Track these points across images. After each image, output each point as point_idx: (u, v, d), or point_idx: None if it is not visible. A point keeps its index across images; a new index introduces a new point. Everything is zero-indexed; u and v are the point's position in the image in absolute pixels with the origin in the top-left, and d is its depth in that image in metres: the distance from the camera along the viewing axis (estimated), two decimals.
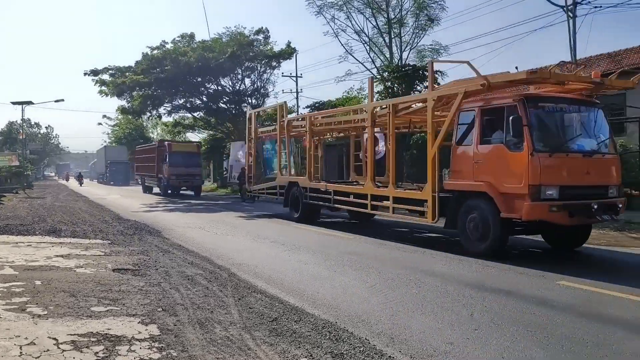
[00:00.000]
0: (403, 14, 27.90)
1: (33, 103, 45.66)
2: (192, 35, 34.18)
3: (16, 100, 48.10)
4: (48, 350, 4.27)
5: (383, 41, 28.84)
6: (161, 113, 36.81)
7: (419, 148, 22.56)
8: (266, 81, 35.15)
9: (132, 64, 33.32)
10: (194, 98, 35.64)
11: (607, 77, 9.69)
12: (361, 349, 4.52)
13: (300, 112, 34.63)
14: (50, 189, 39.43)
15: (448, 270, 8.15)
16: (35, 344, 4.39)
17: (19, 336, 4.57)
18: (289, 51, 33.66)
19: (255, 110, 21.85)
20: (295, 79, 39.64)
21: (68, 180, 70.47)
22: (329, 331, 5.01)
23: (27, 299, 5.90)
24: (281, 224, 15.13)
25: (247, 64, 33.41)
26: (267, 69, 34.48)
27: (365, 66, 29.68)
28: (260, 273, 7.99)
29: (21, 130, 61.54)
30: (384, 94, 24.73)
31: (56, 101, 48.37)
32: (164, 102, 34.88)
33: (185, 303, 5.94)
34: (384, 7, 27.88)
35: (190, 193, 31.27)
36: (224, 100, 35.48)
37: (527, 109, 8.61)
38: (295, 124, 17.09)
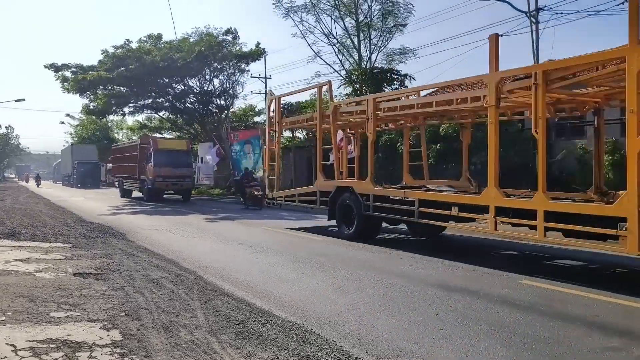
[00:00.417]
0: (372, 17, 28.15)
1: None
2: (160, 36, 33.62)
3: None
4: (5, 357, 4.12)
5: (352, 44, 29.03)
6: (126, 112, 36.01)
7: (386, 150, 22.74)
8: (235, 82, 34.88)
9: (96, 64, 32.51)
10: (160, 98, 35.04)
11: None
12: (328, 351, 4.52)
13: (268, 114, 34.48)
14: (10, 191, 38.14)
15: (414, 271, 8.24)
16: None
17: None
18: (258, 52, 33.46)
19: (282, 95, 16.74)
20: (264, 80, 39.51)
21: (28, 182, 68.39)
22: (296, 333, 4.99)
23: None
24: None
25: (216, 65, 33.06)
26: (236, 70, 34.21)
27: (333, 68, 29.83)
28: (227, 276, 7.91)
29: None
30: (352, 96, 24.89)
31: (17, 100, 46.83)
32: (129, 102, 34.15)
33: (150, 307, 5.82)
34: (353, 10, 28.06)
35: (177, 197, 28.15)
36: (191, 100, 35.03)
37: None
38: (346, 109, 13.08)
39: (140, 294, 6.45)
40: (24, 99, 49.49)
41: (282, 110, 30.56)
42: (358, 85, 24.49)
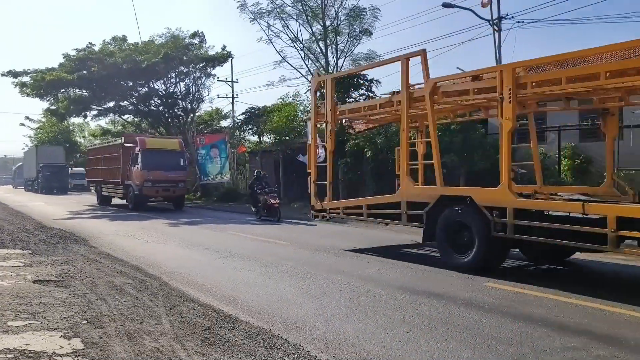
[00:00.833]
0: (338, 22, 28.30)
1: None
2: (124, 38, 33.01)
3: None
4: None
5: (319, 48, 29.12)
6: (88, 116, 35.13)
7: (353, 156, 22.84)
8: (201, 86, 34.51)
9: (55, 66, 31.64)
10: (122, 100, 34.31)
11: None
12: (295, 356, 4.51)
13: (236, 119, 34.21)
14: None
15: (381, 275, 8.30)
16: None
17: None
18: (224, 55, 33.21)
19: (336, 76, 13.08)
20: (230, 84, 39.23)
21: None
22: (262, 338, 4.96)
23: None
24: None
25: (182, 68, 32.66)
26: (202, 74, 33.86)
27: (300, 72, 29.83)
28: (193, 281, 7.80)
29: None
30: (319, 101, 24.90)
31: None
32: (91, 105, 33.35)
33: (113, 314, 5.69)
34: (320, 15, 28.17)
35: (165, 205, 24.80)
36: (156, 102, 34.47)
37: None
38: (453, 89, 9.56)
39: (103, 301, 6.29)
40: None
41: (249, 113, 30.20)
42: (324, 90, 24.55)
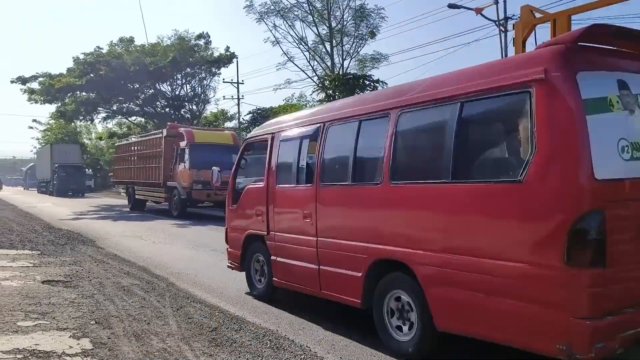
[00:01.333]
0: (344, 24, 28.35)
1: None
2: (131, 39, 33.24)
3: None
4: None
5: (325, 49, 29.17)
6: (94, 119, 35.42)
7: None
8: (207, 87, 34.66)
9: (64, 72, 31.92)
10: (129, 103, 34.54)
11: None
12: (302, 357, 4.53)
13: (242, 120, 34.35)
14: None
15: None
16: None
17: None
18: (228, 56, 33.34)
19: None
20: (236, 85, 39.33)
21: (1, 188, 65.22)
22: (269, 339, 4.98)
23: None
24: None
25: (188, 70, 32.83)
26: (208, 75, 34.01)
27: (306, 74, 29.90)
28: (200, 282, 7.84)
29: None
30: (325, 102, 24.97)
31: None
32: (99, 107, 33.60)
33: (121, 315, 5.73)
34: (326, 16, 28.23)
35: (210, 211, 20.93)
36: (162, 104, 34.65)
37: None
38: None
39: (111, 301, 6.34)
40: None
41: (255, 114, 30.16)
42: (331, 91, 24.61)
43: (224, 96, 63.95)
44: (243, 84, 39.75)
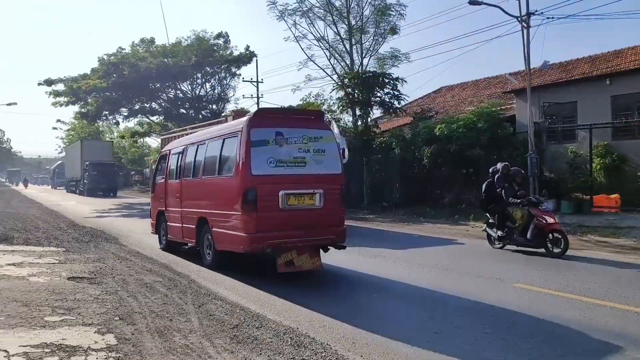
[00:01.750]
0: (364, 21, 28.21)
1: None
2: (152, 40, 33.63)
3: None
4: None
5: (344, 48, 29.08)
6: (118, 119, 36.00)
7: (380, 153, 22.67)
8: (226, 86, 34.87)
9: (88, 72, 32.49)
10: (150, 102, 34.97)
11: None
12: (323, 354, 4.53)
13: None
14: (2, 195, 37.84)
15: (409, 275, 8.26)
16: None
17: None
18: (248, 55, 33.49)
19: None
20: (255, 84, 39.48)
21: (25, 186, 66.55)
22: (290, 337, 5.00)
23: None
24: None
25: (207, 69, 33.09)
26: (227, 74, 34.22)
27: (326, 72, 29.82)
28: (220, 280, 7.91)
29: None
30: (344, 100, 24.93)
31: (8, 104, 46.70)
32: (121, 107, 34.10)
33: (144, 311, 5.81)
34: (345, 15, 28.13)
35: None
36: (185, 106, 35.00)
37: None
38: None
39: (134, 298, 6.43)
40: (15, 103, 49.12)
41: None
42: (350, 90, 24.54)
43: (243, 95, 64.37)
44: (262, 82, 39.70)
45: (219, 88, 34.58)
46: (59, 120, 67.95)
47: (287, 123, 8.24)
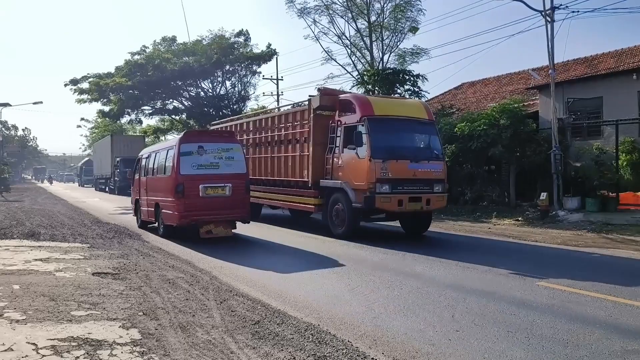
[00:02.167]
0: (384, 18, 28.07)
1: (10, 105, 44.52)
2: (174, 39, 33.96)
3: None
4: (27, 356, 4.20)
5: (364, 44, 28.98)
6: (140, 117, 36.45)
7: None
8: (247, 84, 35.02)
9: (112, 70, 33.02)
10: (171, 100, 35.33)
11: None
12: (344, 351, 4.54)
13: None
14: (29, 192, 38.68)
15: (429, 272, 8.22)
16: (13, 350, 4.31)
17: None
18: (269, 53, 33.59)
19: None
20: (276, 81, 39.58)
21: (52, 183, 68.29)
22: (311, 334, 5.01)
23: (5, 303, 5.79)
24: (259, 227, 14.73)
25: (228, 67, 33.26)
26: (248, 72, 34.35)
27: (346, 69, 29.79)
28: (242, 276, 7.96)
29: None
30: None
31: (34, 103, 47.89)
32: (143, 105, 34.53)
33: (167, 307, 5.89)
34: (365, 11, 28.02)
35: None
36: (204, 103, 35.27)
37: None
38: None
39: (157, 293, 6.52)
40: (41, 102, 49.94)
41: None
42: (370, 86, 24.46)
43: (263, 93, 64.56)
44: (282, 80, 39.84)
45: (240, 86, 34.75)
46: (82, 119, 69.08)
47: (207, 139, 12.06)
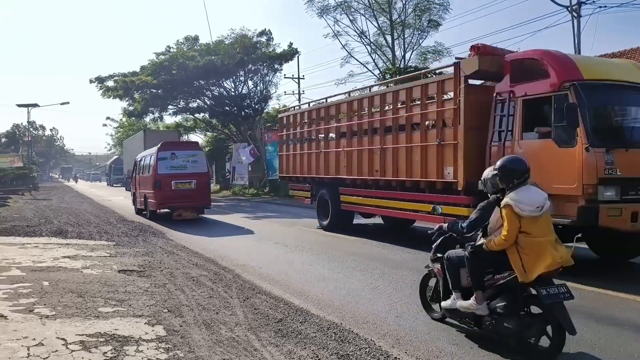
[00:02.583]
0: (406, 15, 27.90)
1: (39, 105, 45.53)
2: (197, 38, 34.26)
3: (22, 102, 47.62)
4: (56, 350, 4.30)
5: (385, 42, 28.84)
6: (163, 115, 36.85)
7: None
8: (269, 83, 35.14)
9: (137, 69, 33.49)
10: (194, 100, 35.67)
11: None
12: (367, 350, 4.54)
13: None
14: (56, 191, 39.56)
15: None
16: (43, 345, 4.42)
17: (27, 337, 4.60)
18: (291, 52, 33.63)
19: None
20: (297, 80, 39.63)
21: (77, 182, 71.14)
22: (334, 332, 5.02)
23: (35, 299, 5.94)
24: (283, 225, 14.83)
25: (250, 66, 33.42)
26: (270, 71, 34.46)
27: (367, 67, 29.69)
28: (264, 274, 8.02)
29: (27, 133, 61.21)
30: None
31: (62, 104, 49.15)
32: (167, 104, 34.94)
33: (191, 304, 5.97)
34: (387, 9, 27.89)
35: None
36: (227, 102, 35.50)
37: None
38: None
39: (181, 291, 6.61)
40: (68, 102, 50.71)
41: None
42: (392, 84, 24.34)
43: (285, 92, 64.67)
44: (304, 79, 39.81)
45: (262, 85, 34.88)
46: (108, 118, 70.15)
47: (178, 148, 16.95)
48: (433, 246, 5.41)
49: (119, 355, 4.22)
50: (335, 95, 13.72)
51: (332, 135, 13.23)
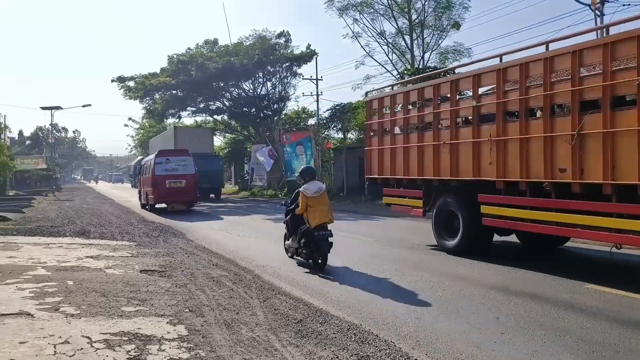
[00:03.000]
0: (426, 15, 27.76)
1: (62, 108, 46.30)
2: (216, 41, 34.55)
3: (45, 105, 48.51)
4: (82, 348, 4.39)
5: (405, 43, 28.74)
6: (182, 115, 37.22)
7: None
8: (287, 84, 35.26)
9: (157, 71, 33.90)
10: (213, 101, 35.97)
11: None
12: (387, 352, 4.53)
13: (320, 116, 34.64)
14: (78, 192, 40.24)
15: (472, 274, 8.08)
16: (69, 343, 4.51)
17: (53, 335, 4.70)
18: (309, 54, 33.70)
19: None
20: (315, 81, 39.66)
21: (97, 183, 76.41)
22: (354, 333, 5.03)
23: (60, 298, 6.07)
24: None
25: (269, 68, 33.58)
26: (288, 73, 34.58)
27: (385, 68, 29.61)
28: (284, 275, 8.05)
29: (51, 135, 62.34)
30: None
31: (84, 106, 49.30)
32: (186, 106, 35.31)
33: (212, 304, 6.03)
34: (406, 10, 27.79)
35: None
36: (245, 103, 35.74)
37: None
38: None
39: (202, 291, 6.68)
40: (90, 104, 51.53)
41: (334, 110, 29.36)
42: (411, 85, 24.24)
43: (303, 93, 64.61)
44: (322, 80, 39.67)
45: (280, 86, 35.02)
46: (130, 119, 70.89)
47: (172, 155, 21.07)
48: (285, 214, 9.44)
49: (142, 354, 4.28)
50: (467, 64, 10.49)
51: (468, 117, 9.40)
